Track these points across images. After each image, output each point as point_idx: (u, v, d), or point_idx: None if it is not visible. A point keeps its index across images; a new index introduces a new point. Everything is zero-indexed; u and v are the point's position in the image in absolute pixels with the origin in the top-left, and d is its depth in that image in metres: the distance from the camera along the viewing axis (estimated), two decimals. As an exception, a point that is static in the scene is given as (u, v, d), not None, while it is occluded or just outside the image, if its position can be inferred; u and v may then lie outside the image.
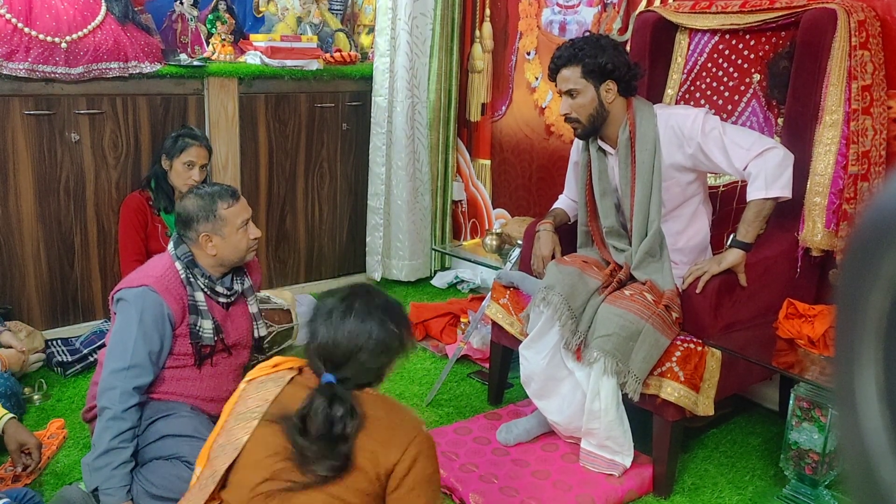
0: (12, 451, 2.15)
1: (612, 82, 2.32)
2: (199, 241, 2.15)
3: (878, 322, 0.41)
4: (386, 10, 3.76)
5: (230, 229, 2.16)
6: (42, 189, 3.05)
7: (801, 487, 2.24)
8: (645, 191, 2.33)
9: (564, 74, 2.35)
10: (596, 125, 2.37)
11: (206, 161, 3.02)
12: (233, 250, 2.18)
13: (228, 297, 2.24)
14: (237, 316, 2.28)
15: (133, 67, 3.10)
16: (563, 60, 2.34)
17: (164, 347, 2.09)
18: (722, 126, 2.26)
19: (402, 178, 3.93)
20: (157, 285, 2.09)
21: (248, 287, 2.32)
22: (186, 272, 2.15)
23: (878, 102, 2.35)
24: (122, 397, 1.98)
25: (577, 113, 2.35)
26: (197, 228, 2.14)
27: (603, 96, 2.33)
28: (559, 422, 2.39)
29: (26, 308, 3.11)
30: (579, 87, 2.33)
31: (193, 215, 2.15)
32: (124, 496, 1.95)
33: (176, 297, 2.11)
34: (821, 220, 2.33)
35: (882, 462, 0.41)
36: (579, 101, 2.34)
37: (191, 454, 2.00)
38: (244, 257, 2.23)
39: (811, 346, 2.20)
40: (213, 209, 2.15)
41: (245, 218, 2.19)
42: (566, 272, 2.34)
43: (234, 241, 2.17)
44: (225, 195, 2.18)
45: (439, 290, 4.08)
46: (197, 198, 2.17)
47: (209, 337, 2.15)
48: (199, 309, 2.15)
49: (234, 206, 2.17)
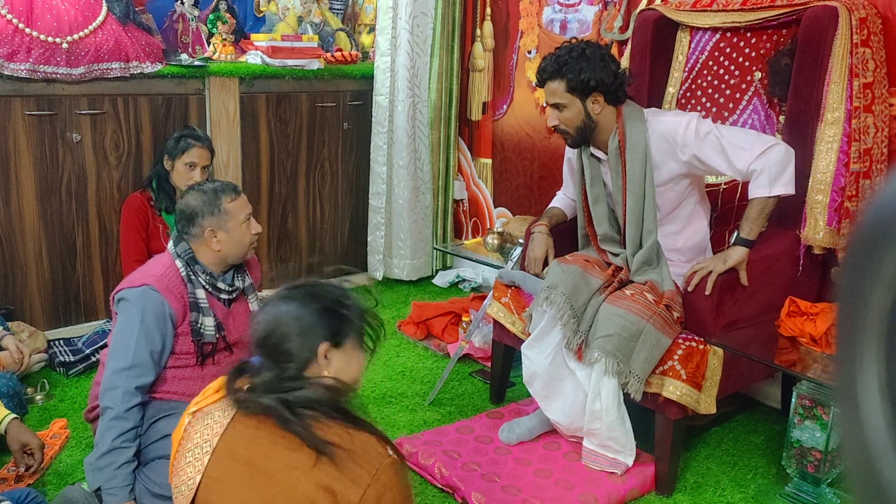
0: (15, 452, 2.15)
1: (598, 94, 2.30)
2: (205, 237, 2.14)
3: (879, 320, 0.41)
4: (387, 10, 3.76)
5: (234, 223, 2.16)
6: (44, 189, 3.05)
7: (804, 485, 2.24)
8: (637, 201, 2.32)
9: (551, 87, 2.33)
10: (585, 135, 2.37)
11: (207, 162, 3.02)
12: (237, 245, 2.18)
13: (230, 294, 2.24)
14: (239, 314, 2.28)
15: (134, 67, 3.10)
16: (548, 74, 2.32)
17: (165, 347, 2.09)
18: (717, 129, 2.24)
19: (403, 177, 3.93)
20: (158, 284, 2.09)
21: (249, 285, 2.32)
22: (187, 269, 2.14)
23: (880, 100, 2.35)
24: (124, 397, 1.98)
25: (566, 125, 2.34)
26: (202, 224, 2.14)
27: (590, 108, 2.31)
28: (561, 422, 2.39)
29: (28, 308, 3.12)
30: (565, 102, 2.31)
31: (198, 210, 2.14)
32: (127, 496, 1.95)
33: (177, 296, 2.11)
34: (822, 217, 2.33)
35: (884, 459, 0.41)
36: (566, 115, 2.33)
37: None
38: (246, 253, 2.23)
39: (813, 343, 2.20)
40: (218, 203, 2.14)
41: (247, 213, 2.20)
42: (569, 271, 2.34)
43: (238, 235, 2.17)
44: (228, 190, 2.18)
45: (441, 290, 4.08)
46: (200, 193, 2.17)
47: (211, 334, 2.15)
48: (201, 306, 2.15)
49: (237, 201, 2.18)
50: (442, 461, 2.33)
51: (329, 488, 1.26)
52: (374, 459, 1.29)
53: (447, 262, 4.29)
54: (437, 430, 2.54)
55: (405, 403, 2.84)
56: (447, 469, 2.30)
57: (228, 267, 2.23)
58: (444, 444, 2.44)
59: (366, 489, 1.26)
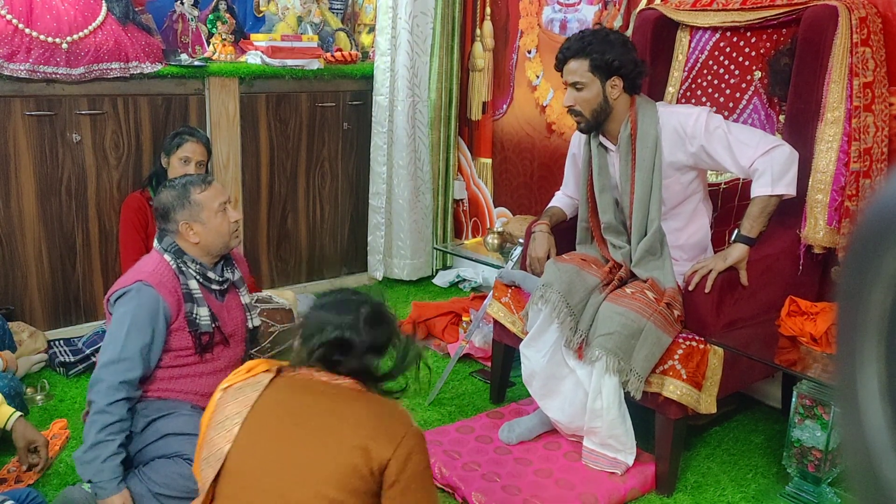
0: (20, 449, 2.16)
1: (618, 79, 2.31)
2: (181, 231, 2.15)
3: (879, 319, 0.41)
4: (386, 9, 3.76)
5: (208, 213, 2.15)
6: (43, 189, 3.05)
7: (804, 485, 2.24)
8: (645, 188, 2.33)
9: (571, 67, 2.34)
10: (599, 120, 2.37)
11: (203, 158, 3.02)
12: (215, 235, 2.17)
13: (221, 285, 2.24)
14: (232, 306, 2.29)
15: (134, 68, 3.10)
16: (572, 52, 2.33)
17: (155, 341, 2.08)
18: (726, 125, 2.26)
19: (403, 177, 3.93)
20: (152, 279, 2.09)
21: (239, 278, 2.33)
22: (176, 262, 2.15)
23: (880, 99, 2.35)
24: (108, 391, 1.98)
25: (581, 106, 2.35)
26: (175, 218, 2.14)
27: (608, 92, 2.33)
28: (561, 420, 2.39)
29: (28, 308, 3.12)
30: (585, 81, 2.32)
31: (169, 206, 2.15)
32: (116, 488, 1.95)
33: (170, 290, 2.11)
34: (823, 217, 2.33)
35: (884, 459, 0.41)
36: (584, 95, 2.33)
37: (192, 452, 2.01)
38: (228, 242, 2.22)
39: (813, 343, 2.20)
40: (187, 195, 2.14)
41: (221, 201, 2.18)
42: (564, 269, 2.34)
43: (214, 225, 2.16)
44: (196, 181, 2.18)
45: (441, 289, 4.08)
46: (169, 189, 2.18)
47: (207, 324, 2.16)
48: (195, 296, 2.15)
49: (207, 191, 2.16)
50: (442, 461, 2.33)
51: (364, 447, 1.40)
52: (404, 424, 1.47)
53: (447, 261, 4.29)
54: (438, 430, 2.54)
55: (405, 403, 2.82)
56: (447, 469, 2.30)
57: (215, 259, 2.23)
58: (445, 443, 2.44)
59: (396, 447, 1.41)
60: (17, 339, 2.92)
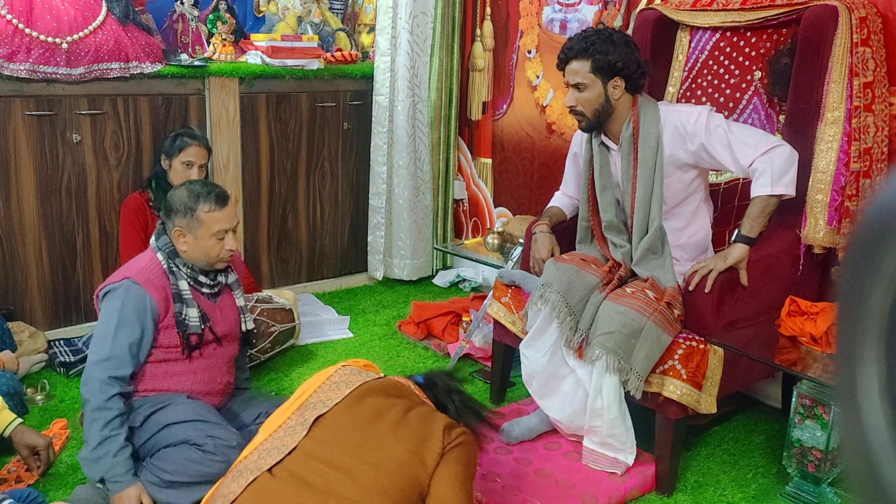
0: (25, 457, 2.16)
1: (620, 79, 2.31)
2: (173, 235, 2.16)
3: (879, 319, 0.41)
4: (386, 9, 3.76)
5: (203, 232, 2.14)
6: (44, 190, 3.05)
7: (804, 485, 2.24)
8: (646, 187, 2.33)
9: (573, 67, 2.33)
10: (601, 120, 2.37)
11: (204, 161, 3.03)
12: (202, 254, 2.17)
13: (212, 289, 2.24)
14: (226, 308, 2.29)
15: (134, 68, 3.10)
16: (574, 53, 2.33)
17: (144, 338, 2.09)
18: (727, 124, 2.27)
19: (403, 177, 3.93)
20: (139, 277, 2.10)
21: (234, 281, 2.33)
22: (168, 262, 2.15)
23: (880, 99, 2.35)
24: (101, 388, 1.99)
25: (583, 107, 2.35)
26: (174, 220, 2.16)
27: (610, 92, 2.33)
28: (561, 420, 2.39)
29: (29, 309, 3.12)
30: (587, 82, 2.32)
31: (175, 207, 2.16)
32: (132, 479, 1.97)
33: (158, 288, 2.11)
34: (823, 217, 2.33)
35: (884, 459, 0.41)
36: (586, 96, 2.33)
37: (198, 437, 2.03)
38: (214, 265, 2.21)
39: (814, 343, 2.20)
40: (193, 208, 2.14)
41: (224, 228, 2.16)
42: (563, 269, 2.34)
43: (204, 245, 2.15)
44: (210, 198, 2.15)
45: (441, 289, 4.08)
46: (185, 191, 2.17)
47: (196, 325, 2.16)
48: (184, 297, 2.15)
49: (215, 212, 2.14)
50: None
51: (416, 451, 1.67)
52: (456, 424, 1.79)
53: (447, 261, 4.29)
54: (438, 430, 2.54)
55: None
56: (447, 469, 2.30)
57: (209, 266, 2.23)
58: (445, 443, 2.43)
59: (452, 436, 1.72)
60: (18, 339, 2.92)
